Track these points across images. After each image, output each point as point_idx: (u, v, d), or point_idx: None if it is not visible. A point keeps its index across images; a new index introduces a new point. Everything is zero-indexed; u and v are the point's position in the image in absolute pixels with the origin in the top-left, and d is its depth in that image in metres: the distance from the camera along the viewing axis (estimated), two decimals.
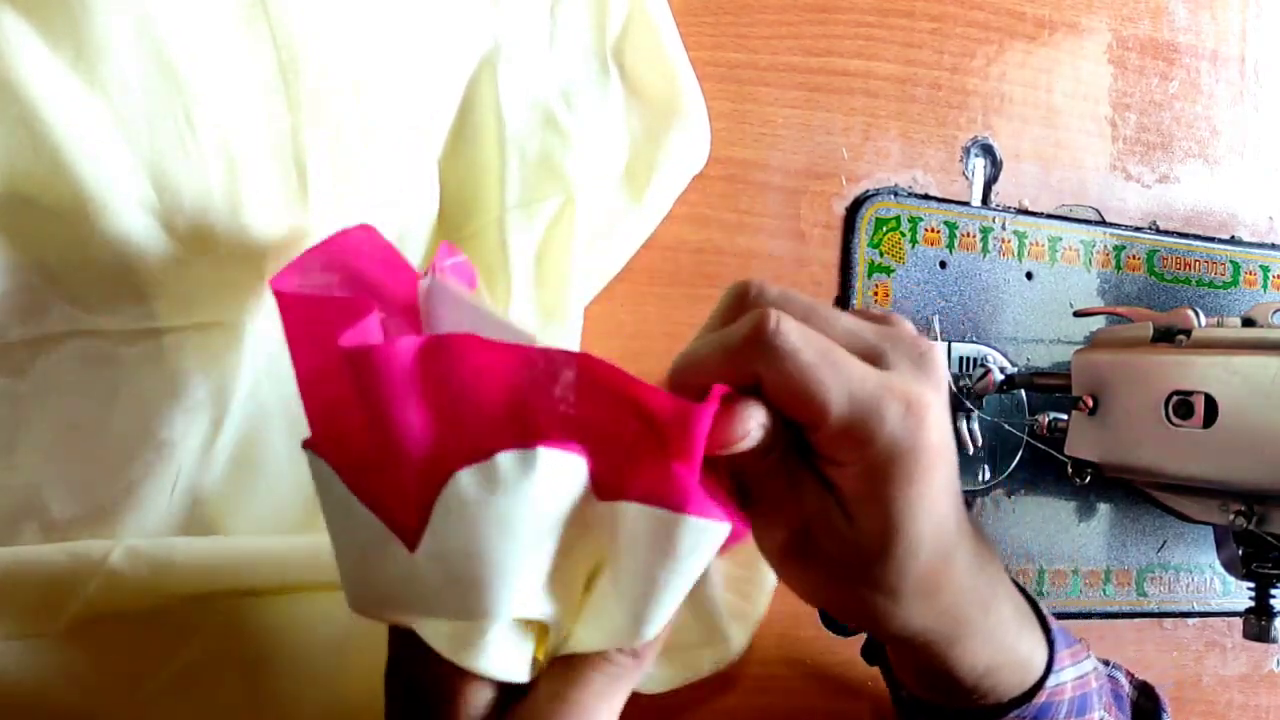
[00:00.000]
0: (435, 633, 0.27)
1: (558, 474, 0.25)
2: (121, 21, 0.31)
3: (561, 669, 0.28)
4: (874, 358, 0.29)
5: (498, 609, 0.25)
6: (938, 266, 0.53)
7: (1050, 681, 0.36)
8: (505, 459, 0.24)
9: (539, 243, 0.41)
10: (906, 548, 0.29)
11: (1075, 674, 0.37)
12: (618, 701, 0.29)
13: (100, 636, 0.33)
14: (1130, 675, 0.46)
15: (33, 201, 0.31)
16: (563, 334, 0.42)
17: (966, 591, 0.32)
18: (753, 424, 0.27)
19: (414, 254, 0.40)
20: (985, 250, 0.54)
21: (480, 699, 0.28)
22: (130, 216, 0.32)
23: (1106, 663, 0.46)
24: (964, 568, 0.32)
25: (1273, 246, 0.62)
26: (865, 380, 0.28)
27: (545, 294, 0.41)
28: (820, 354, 0.27)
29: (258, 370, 0.36)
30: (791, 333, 0.27)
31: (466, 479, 0.24)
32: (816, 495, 0.30)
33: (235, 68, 0.33)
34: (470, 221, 0.42)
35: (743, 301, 0.29)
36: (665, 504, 0.25)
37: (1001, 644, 0.35)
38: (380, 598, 0.27)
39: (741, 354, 0.27)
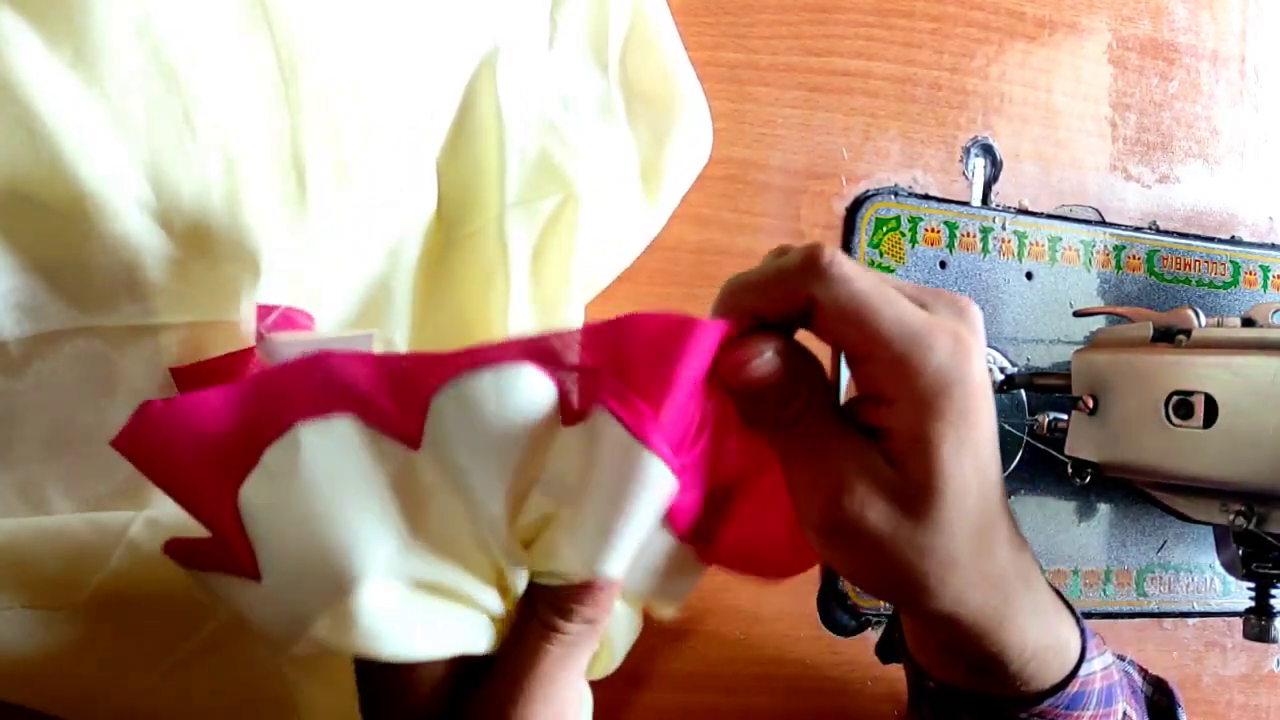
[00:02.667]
0: (321, 633, 0.27)
1: (325, 440, 0.26)
2: (121, 21, 0.31)
3: (514, 648, 0.28)
4: (918, 304, 0.30)
5: (351, 575, 0.26)
6: (938, 266, 0.53)
7: (1083, 670, 0.35)
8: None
9: (538, 240, 0.41)
10: (955, 491, 0.29)
11: (1102, 664, 0.37)
12: (576, 669, 0.29)
13: (122, 612, 0.33)
14: (1143, 670, 0.46)
15: (31, 201, 0.31)
16: None
17: (1011, 562, 0.32)
18: (767, 350, 0.28)
19: (412, 254, 0.40)
20: (985, 250, 0.54)
21: (426, 683, 0.28)
22: (128, 216, 0.32)
23: (1121, 657, 0.46)
24: (1006, 538, 0.31)
25: (1273, 246, 0.62)
26: (916, 313, 0.29)
27: (544, 292, 0.41)
28: (873, 284, 0.28)
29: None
30: (846, 262, 0.28)
31: (251, 483, 0.26)
32: (858, 448, 0.30)
33: (235, 68, 0.33)
34: (470, 220, 0.42)
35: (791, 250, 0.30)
36: (628, 426, 0.26)
37: (1046, 624, 0.34)
38: (281, 637, 0.27)
39: (796, 277, 0.28)
